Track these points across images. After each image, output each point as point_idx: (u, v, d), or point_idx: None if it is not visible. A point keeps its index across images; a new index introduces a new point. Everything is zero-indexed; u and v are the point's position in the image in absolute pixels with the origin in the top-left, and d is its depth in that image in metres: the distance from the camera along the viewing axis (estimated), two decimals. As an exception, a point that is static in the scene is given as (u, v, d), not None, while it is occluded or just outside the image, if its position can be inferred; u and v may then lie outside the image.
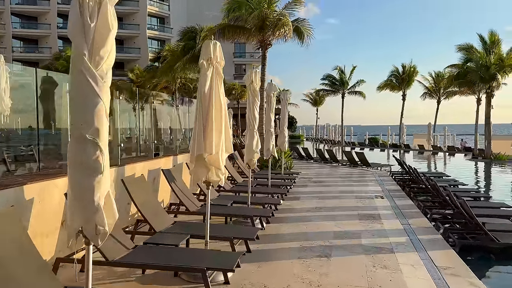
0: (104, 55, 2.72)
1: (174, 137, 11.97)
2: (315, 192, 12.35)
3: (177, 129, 12.84)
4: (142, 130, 9.35)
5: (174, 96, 25.07)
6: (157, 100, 13.42)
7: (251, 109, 7.71)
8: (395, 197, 11.77)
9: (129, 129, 9.65)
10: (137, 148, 8.45)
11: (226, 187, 10.01)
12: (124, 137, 9.11)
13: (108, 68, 2.78)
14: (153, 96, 12.72)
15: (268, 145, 10.15)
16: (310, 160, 24.67)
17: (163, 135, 13.10)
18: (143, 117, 9.05)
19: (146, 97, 9.86)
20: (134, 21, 59.52)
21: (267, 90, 10.19)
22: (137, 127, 9.69)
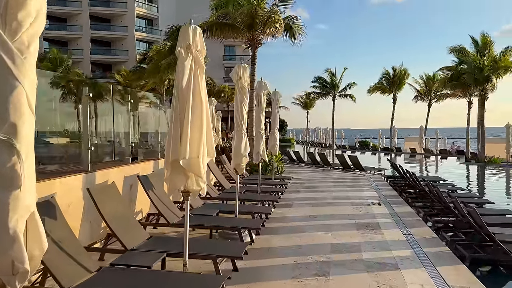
0: (23, 20, 1.93)
1: (157, 140, 11.11)
2: (308, 198, 11.60)
3: (162, 132, 12.00)
4: (122, 133, 8.50)
5: (161, 96, 24.24)
6: (139, 99, 12.59)
7: (239, 109, 6.94)
8: (392, 203, 11.07)
9: (105, 131, 8.80)
10: (112, 152, 7.58)
11: (213, 194, 9.20)
12: (100, 139, 8.29)
13: (32, 40, 1.99)
14: (131, 94, 11.82)
15: (258, 148, 9.38)
16: (302, 164, 23.95)
17: (145, 138, 12.23)
18: (121, 117, 8.21)
19: (124, 96, 9.03)
20: (122, 23, 58.54)
21: (256, 89, 9.43)
22: (117, 129, 8.86)
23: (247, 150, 7.02)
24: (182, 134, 4.26)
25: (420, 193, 12.90)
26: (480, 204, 11.36)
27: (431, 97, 48.72)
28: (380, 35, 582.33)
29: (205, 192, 4.52)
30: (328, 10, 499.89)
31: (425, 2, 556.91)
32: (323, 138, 58.75)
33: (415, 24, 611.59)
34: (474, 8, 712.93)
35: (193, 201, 7.67)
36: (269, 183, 11.94)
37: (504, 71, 24.75)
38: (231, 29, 16.10)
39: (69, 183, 5.58)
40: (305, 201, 11.08)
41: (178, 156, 4.22)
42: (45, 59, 40.95)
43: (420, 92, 49.34)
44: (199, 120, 4.35)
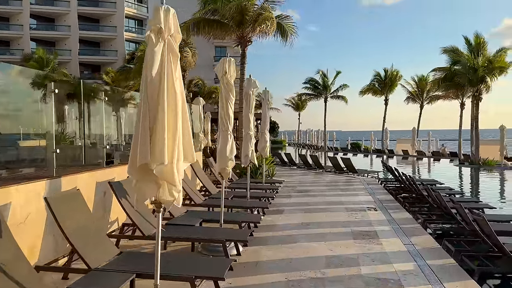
0: None
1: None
2: (300, 203, 10.95)
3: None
4: (98, 134, 7.77)
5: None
6: (124, 100, 11.85)
7: (224, 107, 6.26)
8: (389, 208, 10.47)
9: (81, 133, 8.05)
10: (83, 155, 6.82)
11: (197, 200, 8.50)
12: (71, 141, 7.55)
13: None
14: (105, 92, 10.99)
15: (246, 150, 8.70)
16: (293, 166, 23.34)
17: (122, 140, 11.45)
18: (98, 118, 7.46)
19: (98, 94, 8.26)
20: (111, 23, 57.67)
21: (245, 87, 8.77)
22: (93, 130, 8.14)
23: (233, 153, 6.35)
24: (152, 134, 3.59)
25: (417, 197, 12.32)
26: (479, 209, 10.81)
27: (423, 99, 48.55)
28: (371, 37, 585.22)
29: (179, 202, 3.84)
30: (319, 11, 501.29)
31: (415, 5, 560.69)
32: (315, 140, 58.31)
33: (406, 26, 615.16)
34: (464, 10, 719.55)
35: (175, 208, 6.98)
36: (259, 188, 11.27)
37: (499, 71, 24.37)
38: (219, 26, 15.43)
39: (27, 190, 4.86)
40: (297, 207, 10.43)
41: (147, 161, 3.55)
42: (31, 59, 39.98)
43: (412, 93, 49.12)
44: (173, 117, 3.67)
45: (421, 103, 48.67)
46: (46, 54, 40.16)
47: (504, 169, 25.31)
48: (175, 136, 3.66)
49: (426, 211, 10.75)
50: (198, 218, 6.67)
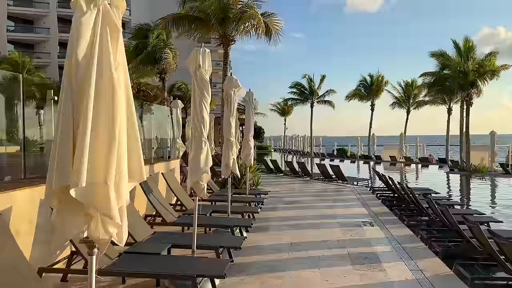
0: None
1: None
2: (288, 218, 9.83)
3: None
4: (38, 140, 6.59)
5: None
6: None
7: (197, 108, 5.13)
8: (386, 223, 9.43)
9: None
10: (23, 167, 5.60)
11: (169, 218, 7.29)
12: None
13: None
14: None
15: (226, 159, 7.57)
16: (280, 174, 22.24)
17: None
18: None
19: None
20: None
21: (225, 86, 7.66)
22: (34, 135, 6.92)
23: (208, 164, 5.21)
24: (80, 144, 2.43)
25: (414, 209, 11.33)
26: (483, 223, 9.86)
27: (410, 104, 48.13)
28: (356, 43, 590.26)
29: (122, 241, 2.69)
30: (304, 19, 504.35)
31: (396, 12, 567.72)
32: (301, 146, 57.44)
33: (389, 32, 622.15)
34: (444, 17, 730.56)
35: (138, 231, 5.81)
36: (242, 200, 10.11)
37: (490, 75, 23.73)
38: (200, 23, 14.30)
39: None
40: (285, 222, 9.31)
41: (68, 182, 2.39)
42: (3, 62, 38.27)
43: (398, 99, 48.67)
44: (109, 119, 2.52)
45: (408, 108, 48.24)
46: (21, 57, 38.47)
47: (495, 176, 24.63)
48: (111, 146, 2.52)
49: (426, 226, 9.76)
50: (166, 243, 5.49)
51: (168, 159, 11.28)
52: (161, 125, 11.87)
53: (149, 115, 10.64)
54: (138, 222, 6.08)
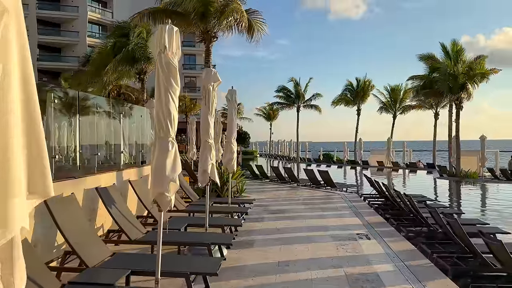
0: None
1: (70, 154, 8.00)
2: (275, 230, 8.79)
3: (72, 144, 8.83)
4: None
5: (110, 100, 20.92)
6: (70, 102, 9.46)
7: (163, 100, 4.09)
8: (384, 235, 8.48)
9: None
10: None
11: (133, 234, 6.10)
12: None
13: None
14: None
15: (204, 165, 6.52)
16: (265, 180, 21.21)
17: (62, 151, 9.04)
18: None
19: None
20: (73, 28, 54.59)
21: (203, 80, 6.62)
22: None
23: (176, 170, 4.16)
24: None
25: (412, 218, 10.42)
26: (489, 234, 8.99)
27: (396, 109, 47.73)
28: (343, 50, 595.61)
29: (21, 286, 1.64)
30: (289, 25, 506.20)
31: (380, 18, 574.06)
32: (287, 151, 56.60)
33: (375, 39, 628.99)
34: (427, 25, 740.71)
35: (91, 253, 4.70)
36: (224, 210, 9.03)
37: (480, 78, 23.15)
38: (180, 18, 13.23)
39: None
40: (271, 235, 8.27)
41: None
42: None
43: (385, 103, 48.24)
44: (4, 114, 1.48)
45: (394, 113, 47.84)
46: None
47: (486, 181, 24.01)
48: (6, 152, 1.47)
49: (426, 237, 8.85)
50: (124, 268, 4.37)
51: (141, 165, 10.16)
52: (137, 127, 10.76)
53: (118, 115, 9.53)
54: (91, 241, 4.98)
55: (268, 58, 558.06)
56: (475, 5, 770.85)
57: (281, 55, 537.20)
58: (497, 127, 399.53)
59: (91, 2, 55.88)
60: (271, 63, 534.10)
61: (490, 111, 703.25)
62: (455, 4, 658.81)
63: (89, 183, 6.77)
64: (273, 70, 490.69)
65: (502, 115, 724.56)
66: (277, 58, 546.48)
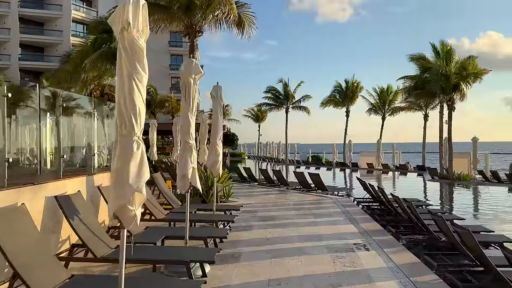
0: None
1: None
2: (264, 241, 7.97)
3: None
4: None
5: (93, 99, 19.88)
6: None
7: (124, 88, 3.26)
8: (383, 245, 7.74)
9: None
10: None
11: (99, 250, 5.21)
12: None
13: None
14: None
15: (183, 168, 5.69)
16: (254, 183, 20.40)
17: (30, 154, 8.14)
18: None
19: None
20: (56, 27, 53.22)
21: (183, 73, 5.80)
22: None
23: (143, 177, 3.33)
24: None
25: (412, 225, 9.72)
26: (496, 243, 8.34)
27: (385, 110, 47.37)
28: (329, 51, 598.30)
29: None
30: (277, 27, 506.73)
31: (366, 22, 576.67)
32: (276, 153, 55.88)
33: (360, 41, 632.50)
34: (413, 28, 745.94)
35: (52, 272, 3.85)
36: (208, 219, 8.18)
37: (473, 78, 22.66)
38: (163, 11, 12.37)
39: None
40: (260, 247, 7.47)
41: None
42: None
43: (374, 105, 47.84)
44: None
45: (383, 114, 47.48)
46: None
47: (478, 183, 23.53)
48: None
49: (429, 247, 8.16)
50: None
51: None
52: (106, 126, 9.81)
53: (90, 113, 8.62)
54: (43, 262, 4.12)
55: (257, 60, 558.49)
56: (462, 9, 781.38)
57: (269, 56, 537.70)
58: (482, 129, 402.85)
59: (76, 1, 54.59)
60: (259, 65, 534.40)
61: (475, 114, 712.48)
62: (441, 8, 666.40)
63: (52, 189, 5.91)
64: (261, 71, 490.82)
65: (486, 117, 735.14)
66: (265, 59, 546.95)
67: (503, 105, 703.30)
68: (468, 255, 6.80)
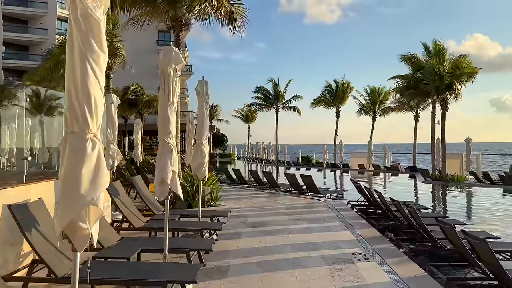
0: None
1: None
2: (254, 251, 7.24)
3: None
4: None
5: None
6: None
7: (76, 72, 2.56)
8: (384, 255, 7.08)
9: None
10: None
11: (59, 269, 4.44)
12: None
13: None
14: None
15: (162, 172, 4.95)
16: (243, 185, 19.67)
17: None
18: None
19: None
20: (41, 25, 51.97)
21: (161, 62, 5.06)
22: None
23: (98, 186, 2.59)
24: None
25: (412, 231, 9.08)
26: (507, 251, 7.72)
27: (376, 111, 47.02)
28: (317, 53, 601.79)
29: None
30: (266, 29, 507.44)
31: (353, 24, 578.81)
32: (266, 154, 55.20)
33: (353, 43, 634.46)
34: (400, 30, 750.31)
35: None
36: (192, 228, 7.40)
37: (467, 77, 22.20)
38: (146, 3, 11.59)
39: None
40: (250, 258, 6.73)
41: None
42: None
43: (364, 105, 47.46)
44: None
45: (374, 115, 47.14)
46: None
47: (471, 185, 23.06)
48: None
49: (434, 256, 7.53)
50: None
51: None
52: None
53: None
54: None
55: (245, 61, 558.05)
56: (448, 11, 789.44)
57: (258, 58, 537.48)
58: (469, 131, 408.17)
59: (61, -1, 53.35)
60: (248, 66, 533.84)
61: (461, 116, 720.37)
62: (429, 10, 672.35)
63: (13, 196, 5.13)
64: (251, 72, 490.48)
65: (472, 119, 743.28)
66: (255, 60, 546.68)
67: (489, 106, 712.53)
68: (479, 267, 6.16)
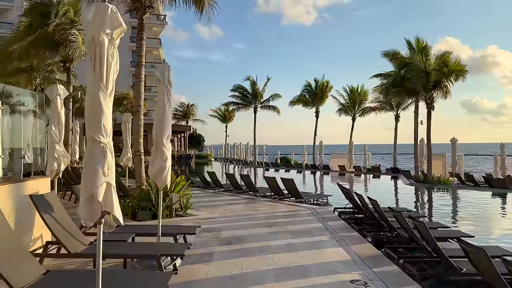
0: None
1: None
2: (227, 280, 5.68)
3: None
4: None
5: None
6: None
7: None
8: (386, 279, 5.69)
9: None
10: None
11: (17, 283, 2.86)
12: None
13: None
14: None
15: (90, 187, 3.36)
16: (219, 189, 18.10)
17: None
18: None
19: None
20: (7, 19, 49.31)
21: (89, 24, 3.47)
22: None
23: None
24: None
25: (414, 246, 7.73)
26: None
27: (355, 111, 46.27)
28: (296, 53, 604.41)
29: None
30: (243, 29, 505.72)
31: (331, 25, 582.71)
32: (243, 155, 53.73)
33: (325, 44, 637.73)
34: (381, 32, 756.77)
35: None
36: (146, 253, 5.80)
37: (455, 76, 21.18)
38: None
39: None
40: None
41: None
42: None
43: (344, 105, 46.62)
44: None
45: (353, 115, 46.38)
46: None
47: (459, 188, 22.10)
48: None
49: (444, 279, 6.18)
50: None
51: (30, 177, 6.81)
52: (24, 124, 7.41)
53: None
54: None
55: (224, 62, 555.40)
56: (421, 13, 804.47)
57: (237, 58, 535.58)
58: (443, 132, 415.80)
59: (27, -8, 50.64)
60: (227, 67, 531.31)
61: (437, 117, 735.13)
62: (401, 14, 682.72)
63: None
64: (229, 73, 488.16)
65: (447, 120, 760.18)
66: (233, 61, 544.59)
67: (460, 108, 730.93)
68: None
